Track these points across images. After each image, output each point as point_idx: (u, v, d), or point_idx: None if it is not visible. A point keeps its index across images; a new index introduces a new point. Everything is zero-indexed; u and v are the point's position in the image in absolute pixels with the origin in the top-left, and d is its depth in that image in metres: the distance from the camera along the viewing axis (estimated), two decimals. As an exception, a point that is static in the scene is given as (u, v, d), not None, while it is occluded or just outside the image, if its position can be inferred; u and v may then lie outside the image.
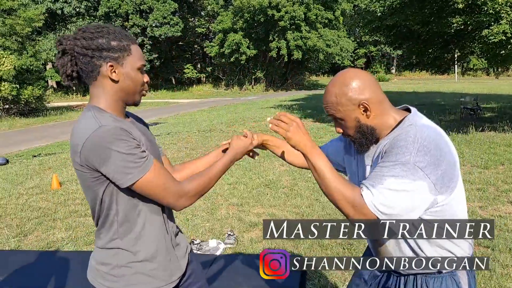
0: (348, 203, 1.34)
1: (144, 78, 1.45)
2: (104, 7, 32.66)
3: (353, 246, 3.95)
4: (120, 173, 1.29)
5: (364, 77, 1.45)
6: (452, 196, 1.40)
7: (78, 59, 1.36)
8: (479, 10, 8.25)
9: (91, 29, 1.36)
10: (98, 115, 1.33)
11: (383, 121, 1.46)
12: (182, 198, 1.39)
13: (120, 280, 1.41)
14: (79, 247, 4.20)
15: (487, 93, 22.03)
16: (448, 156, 1.37)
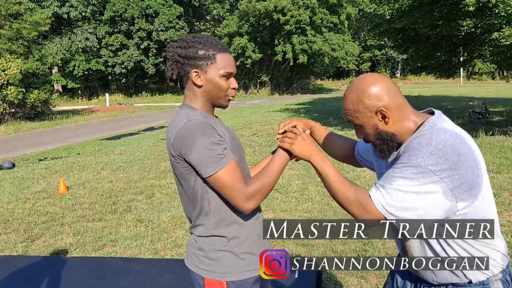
0: (352, 202, 1.35)
1: (230, 84, 1.58)
2: (110, 11, 32.80)
3: (368, 253, 3.86)
4: (201, 164, 1.43)
5: (382, 83, 1.42)
6: (477, 203, 1.33)
7: (176, 65, 1.56)
8: (490, 13, 8.16)
9: (188, 39, 1.56)
10: (189, 112, 1.52)
11: (403, 126, 1.43)
12: (250, 201, 1.45)
13: (215, 263, 1.53)
14: (87, 252, 4.13)
15: (494, 97, 21.86)
16: (468, 162, 1.31)
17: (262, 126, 12.99)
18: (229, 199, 1.45)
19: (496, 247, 1.42)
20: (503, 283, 1.43)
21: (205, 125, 1.45)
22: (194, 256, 1.57)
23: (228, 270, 1.52)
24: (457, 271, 1.41)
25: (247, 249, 1.55)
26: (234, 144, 1.57)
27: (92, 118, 20.12)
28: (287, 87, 36.86)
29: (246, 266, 1.54)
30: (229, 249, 1.53)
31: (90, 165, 8.29)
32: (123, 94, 36.95)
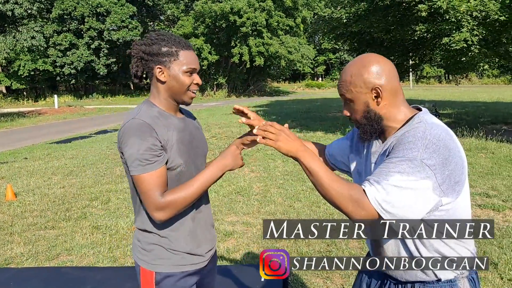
0: (346, 199, 1.31)
1: (193, 80, 1.60)
2: (58, 9, 31.45)
3: (331, 254, 3.87)
4: (129, 163, 1.49)
5: (384, 64, 1.43)
6: (458, 200, 1.35)
7: (140, 61, 1.59)
8: (441, 19, 8.53)
9: (152, 36, 1.59)
10: (144, 108, 1.56)
11: (392, 113, 1.43)
12: (160, 212, 1.48)
13: (149, 254, 1.60)
14: (40, 263, 3.86)
15: (442, 99, 22.95)
16: (456, 158, 1.32)
17: (220, 128, 12.88)
18: (143, 203, 1.51)
19: (467, 245, 1.43)
20: (469, 281, 1.45)
21: (145, 127, 1.48)
22: (135, 246, 1.65)
23: (158, 262, 1.59)
24: (427, 270, 1.41)
25: (179, 246, 1.60)
26: (183, 148, 1.58)
27: (39, 121, 19.16)
28: (244, 89, 36.91)
29: (177, 261, 1.60)
30: (160, 243, 1.59)
31: (40, 170, 7.85)
32: (72, 95, 35.52)
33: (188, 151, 1.61)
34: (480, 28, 8.27)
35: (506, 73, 22.30)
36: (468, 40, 8.07)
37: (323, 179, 1.36)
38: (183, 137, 1.60)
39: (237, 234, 4.41)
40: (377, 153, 1.49)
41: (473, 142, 9.05)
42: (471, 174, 6.55)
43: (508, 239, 4.07)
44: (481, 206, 5.09)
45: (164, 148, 1.52)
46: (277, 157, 8.31)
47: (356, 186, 1.33)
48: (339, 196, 1.32)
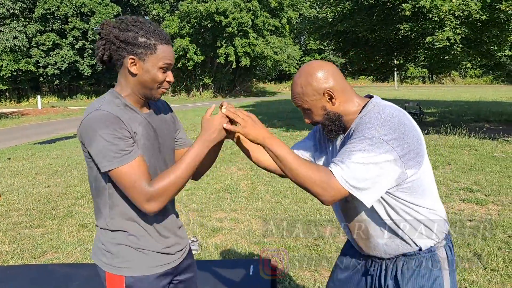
0: (316, 182, 1.36)
1: (166, 77, 1.48)
2: (41, 8, 30.96)
3: (319, 247, 3.91)
4: (100, 158, 1.35)
5: (327, 67, 1.52)
6: (421, 170, 1.45)
7: (110, 45, 1.43)
8: (425, 18, 8.67)
9: (128, 21, 1.44)
10: (108, 99, 1.44)
11: (348, 107, 1.53)
12: (152, 202, 1.37)
13: (115, 257, 1.47)
14: (26, 260, 3.82)
15: (426, 99, 23.27)
16: (412, 132, 1.43)
17: (206, 127, 12.85)
18: (130, 197, 1.38)
19: (439, 212, 1.53)
20: (446, 248, 1.55)
21: (111, 117, 1.35)
22: (98, 249, 1.51)
23: (128, 264, 1.47)
24: (408, 240, 1.50)
25: (148, 245, 1.49)
26: (148, 144, 1.47)
27: (22, 122, 18.86)
28: (230, 89, 36.84)
29: (147, 261, 1.49)
30: (129, 243, 1.47)
31: (24, 170, 7.74)
32: (56, 96, 35.01)
33: (153, 147, 1.50)
34: (462, 27, 8.43)
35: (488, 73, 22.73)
36: (451, 38, 8.23)
37: (291, 164, 1.40)
38: (148, 132, 1.49)
39: (225, 230, 4.42)
40: (341, 144, 1.57)
41: (456, 140, 9.22)
42: (455, 170, 6.68)
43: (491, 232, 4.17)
44: (465, 201, 5.19)
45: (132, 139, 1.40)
46: (264, 155, 8.33)
47: (323, 168, 1.39)
48: (307, 179, 1.37)
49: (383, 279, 1.56)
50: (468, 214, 4.71)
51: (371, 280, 1.61)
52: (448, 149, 8.40)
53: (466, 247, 3.84)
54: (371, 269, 1.61)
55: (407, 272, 1.51)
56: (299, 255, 3.78)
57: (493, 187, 5.68)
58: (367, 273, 1.63)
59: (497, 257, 3.60)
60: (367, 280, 1.62)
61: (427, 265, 1.50)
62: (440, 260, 1.52)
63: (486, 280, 3.24)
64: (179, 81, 35.78)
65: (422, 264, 1.50)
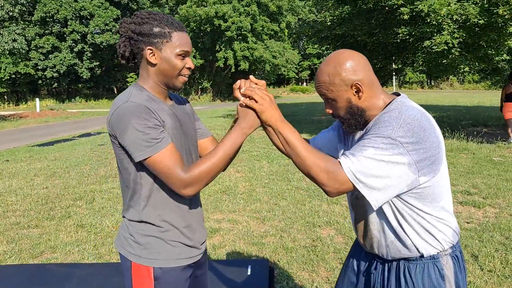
0: (322, 170, 1.33)
1: (186, 63, 1.51)
2: (40, 11, 31.05)
3: (317, 248, 3.91)
4: (133, 148, 1.38)
5: (358, 58, 1.44)
6: (436, 178, 1.39)
7: (129, 41, 1.49)
8: (423, 22, 8.72)
9: (142, 15, 1.49)
10: (134, 92, 1.47)
11: (373, 102, 1.47)
12: (188, 188, 1.40)
13: (144, 248, 1.50)
14: (24, 260, 3.81)
15: (425, 103, 23.34)
16: (432, 138, 1.36)
17: (205, 130, 12.87)
18: (167, 183, 1.40)
19: (448, 223, 1.47)
20: (452, 258, 1.48)
21: (141, 108, 1.38)
22: (124, 239, 1.53)
23: (156, 256, 1.49)
24: (409, 246, 1.46)
25: (177, 238, 1.52)
26: (176, 133, 1.50)
27: (21, 124, 18.84)
28: (228, 93, 36.91)
29: (176, 254, 1.52)
30: (159, 235, 1.50)
31: (22, 172, 7.73)
32: (54, 99, 35.03)
33: (180, 138, 1.53)
34: (460, 31, 8.48)
35: (486, 78, 22.79)
36: (448, 42, 8.27)
37: (300, 151, 1.37)
38: (174, 123, 1.52)
39: (223, 231, 4.42)
40: (358, 137, 1.53)
41: (454, 143, 9.24)
42: (452, 173, 6.69)
43: (488, 233, 4.18)
44: (463, 203, 5.21)
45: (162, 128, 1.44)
46: (262, 157, 8.35)
47: (332, 159, 1.36)
48: (315, 167, 1.34)
49: (386, 280, 1.54)
50: (465, 217, 4.73)
51: (374, 281, 1.59)
52: (446, 152, 8.43)
53: (464, 249, 3.84)
54: (374, 270, 1.59)
55: (408, 276, 1.48)
56: (297, 255, 3.78)
57: (491, 190, 5.69)
58: (370, 273, 1.61)
59: (494, 259, 3.61)
60: (370, 280, 1.61)
61: (429, 271, 1.46)
62: (444, 268, 1.46)
63: (483, 281, 3.25)
64: (178, 84, 35.84)
65: (424, 270, 1.46)
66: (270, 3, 32.35)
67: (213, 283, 3.26)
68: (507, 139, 9.74)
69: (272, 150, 9.14)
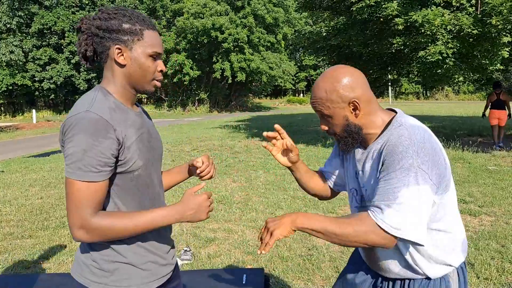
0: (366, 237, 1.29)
1: (157, 66, 1.37)
2: (37, 23, 31.16)
3: (313, 257, 3.89)
4: (69, 160, 1.23)
5: (355, 75, 1.41)
6: (447, 194, 1.39)
7: (92, 38, 1.33)
8: (417, 32, 8.81)
9: (109, 10, 1.33)
10: (98, 98, 1.30)
11: (370, 120, 1.44)
12: (81, 231, 1.23)
13: (110, 275, 1.35)
14: (17, 270, 3.77)
15: (420, 114, 23.45)
16: (441, 156, 1.36)
17: (202, 141, 12.86)
18: (67, 215, 1.25)
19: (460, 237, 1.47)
20: (458, 271, 1.48)
21: (100, 124, 1.22)
22: (85, 266, 1.36)
23: (127, 283, 1.35)
24: (418, 270, 1.44)
25: (148, 259, 1.40)
26: (143, 148, 1.36)
27: (17, 136, 18.79)
28: (225, 104, 37.00)
29: (148, 277, 1.40)
30: (127, 260, 1.35)
31: (17, 182, 7.68)
32: (51, 111, 35.00)
33: (148, 151, 1.39)
34: (454, 41, 8.57)
35: (481, 89, 22.97)
36: (443, 52, 8.35)
37: (336, 232, 1.31)
38: (142, 135, 1.37)
39: (218, 240, 4.40)
40: (362, 161, 1.49)
41: (450, 153, 9.26)
42: (448, 182, 6.71)
43: (484, 242, 4.17)
44: (459, 212, 5.20)
45: (121, 148, 1.28)
46: (259, 167, 8.34)
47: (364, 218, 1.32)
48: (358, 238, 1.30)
49: None
50: (461, 225, 4.72)
51: None
52: (442, 162, 8.45)
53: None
54: (380, 284, 1.57)
55: None
56: (292, 264, 3.76)
57: (486, 199, 5.70)
58: (375, 286, 1.59)
59: (490, 266, 3.60)
60: None
61: (435, 285, 1.45)
62: (450, 283, 1.45)
63: (480, 289, 3.24)
64: (175, 95, 35.92)
65: (429, 284, 1.45)
66: (267, 15, 32.65)
67: (207, 292, 3.23)
68: (495, 144, 10.32)
69: (269, 160, 9.13)
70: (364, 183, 1.48)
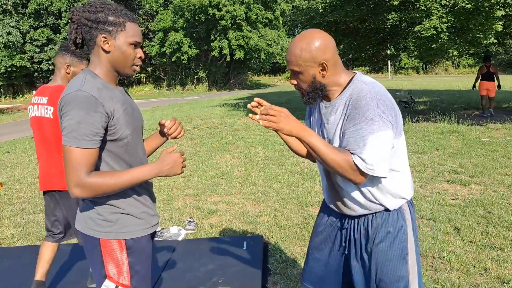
0: (348, 170, 1.56)
1: (137, 53, 1.62)
2: (34, 4, 30.88)
3: (309, 225, 4.13)
4: (65, 132, 1.47)
5: (327, 39, 1.62)
6: (400, 141, 1.66)
7: (81, 28, 1.57)
8: (413, 7, 8.86)
9: (97, 4, 1.56)
10: (88, 79, 1.54)
11: (334, 80, 1.66)
12: (77, 188, 1.47)
13: (114, 224, 1.61)
14: (31, 242, 4.03)
15: (419, 89, 23.50)
16: (395, 105, 1.62)
17: (202, 120, 13.03)
18: (65, 175, 1.48)
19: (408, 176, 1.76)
20: (408, 204, 1.78)
21: (91, 101, 1.46)
22: (90, 220, 1.61)
23: (127, 229, 1.63)
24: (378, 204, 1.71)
25: (142, 210, 1.68)
26: (129, 119, 1.60)
27: (19, 117, 18.95)
28: (224, 83, 36.92)
29: (143, 225, 1.68)
30: (126, 211, 1.62)
31: (23, 162, 7.92)
32: (52, 92, 34.95)
33: (133, 122, 1.63)
34: (449, 15, 8.63)
35: (480, 62, 22.90)
36: (437, 27, 8.43)
37: (323, 153, 1.57)
38: (127, 109, 1.61)
39: (220, 212, 4.64)
40: (326, 114, 1.72)
41: (445, 126, 9.46)
42: (441, 155, 6.92)
43: (471, 208, 4.41)
44: (449, 182, 5.43)
45: (110, 120, 1.52)
46: (258, 144, 8.55)
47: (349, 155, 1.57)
48: (340, 168, 1.57)
49: (356, 230, 1.77)
50: (451, 194, 4.95)
51: (345, 234, 1.82)
52: (437, 135, 8.64)
53: (447, 223, 4.07)
54: (345, 224, 1.82)
55: (375, 222, 1.73)
56: (290, 232, 4.01)
57: (477, 169, 5.92)
58: (342, 228, 1.84)
59: (475, 230, 3.84)
60: (342, 234, 1.84)
61: (393, 216, 1.72)
62: (404, 213, 1.74)
63: (463, 251, 3.48)
64: (173, 75, 35.83)
65: (389, 216, 1.72)
66: (264, -9, 32.26)
67: (211, 259, 3.49)
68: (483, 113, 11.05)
69: (267, 136, 9.33)
70: (328, 133, 1.72)
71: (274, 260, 3.45)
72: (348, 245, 1.80)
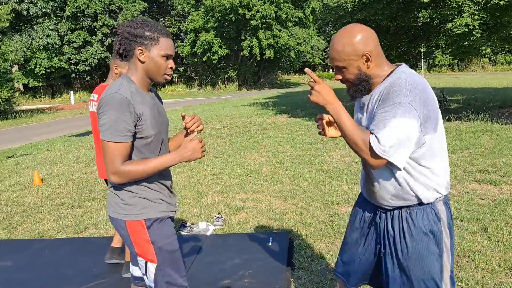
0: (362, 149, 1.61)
1: (168, 64, 1.87)
2: (71, 7, 32.03)
3: (334, 223, 4.20)
4: (103, 128, 1.73)
5: (369, 32, 1.70)
6: (436, 135, 1.66)
7: (124, 40, 1.82)
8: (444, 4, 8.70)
9: (137, 20, 1.83)
10: (124, 83, 1.80)
11: (379, 71, 1.72)
12: (115, 176, 1.75)
13: (133, 207, 1.86)
14: (70, 235, 4.28)
15: (453, 87, 22.93)
16: (432, 100, 1.63)
17: (231, 119, 13.23)
18: (105, 165, 1.75)
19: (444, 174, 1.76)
20: (444, 204, 1.78)
21: (125, 102, 1.71)
22: (116, 205, 1.87)
23: (144, 211, 1.86)
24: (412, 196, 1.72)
25: (158, 196, 1.91)
26: (154, 122, 1.84)
27: (57, 117, 19.77)
28: (254, 82, 37.15)
29: (158, 208, 1.91)
30: (144, 196, 1.87)
31: (62, 160, 8.32)
32: (87, 92, 36.15)
33: (158, 124, 1.88)
34: (481, 12, 8.43)
35: (518, 59, 22.09)
36: (469, 24, 8.25)
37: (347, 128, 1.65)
38: (154, 112, 1.86)
39: (247, 209, 4.78)
40: (366, 103, 1.78)
41: (478, 125, 9.25)
42: (473, 154, 6.80)
43: (500, 208, 4.35)
44: (479, 181, 5.36)
45: (139, 121, 1.77)
46: (285, 143, 8.64)
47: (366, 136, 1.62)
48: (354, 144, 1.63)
49: (390, 225, 1.81)
50: (481, 194, 4.89)
51: (380, 229, 1.86)
52: (469, 134, 8.47)
53: (475, 222, 4.05)
54: (380, 219, 1.86)
55: (410, 219, 1.75)
56: (315, 229, 4.09)
57: (509, 169, 5.79)
58: (377, 224, 1.88)
59: (503, 230, 3.80)
60: (377, 230, 1.89)
61: (427, 214, 1.73)
62: (439, 212, 1.75)
63: (490, 250, 3.46)
64: (204, 74, 36.33)
65: (423, 213, 1.73)
66: (294, -10, 32.22)
67: (238, 253, 3.62)
68: None
69: (295, 135, 9.41)
70: (365, 121, 1.78)
71: (299, 256, 3.55)
72: (383, 240, 1.84)
